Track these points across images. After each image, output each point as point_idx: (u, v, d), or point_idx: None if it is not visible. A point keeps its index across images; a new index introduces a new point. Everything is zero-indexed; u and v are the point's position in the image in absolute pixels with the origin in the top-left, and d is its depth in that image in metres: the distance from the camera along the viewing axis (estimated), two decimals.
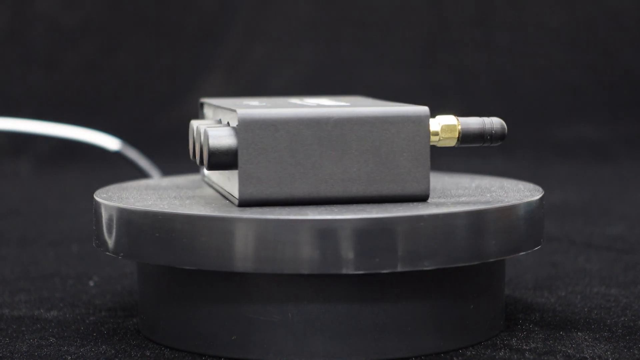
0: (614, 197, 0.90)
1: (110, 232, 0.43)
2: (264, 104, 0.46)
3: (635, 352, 0.43)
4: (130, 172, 0.69)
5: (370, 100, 0.49)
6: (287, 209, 0.41)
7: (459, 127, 0.43)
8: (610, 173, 1.05)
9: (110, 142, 0.69)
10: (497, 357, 0.42)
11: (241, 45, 1.25)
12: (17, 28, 1.25)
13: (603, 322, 0.47)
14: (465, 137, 0.43)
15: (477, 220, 0.41)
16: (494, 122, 0.44)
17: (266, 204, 0.42)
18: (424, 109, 0.42)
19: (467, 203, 0.42)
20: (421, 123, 0.42)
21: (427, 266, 0.40)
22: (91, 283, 0.57)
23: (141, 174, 0.69)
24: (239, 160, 0.42)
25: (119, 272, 0.60)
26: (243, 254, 0.40)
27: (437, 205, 0.42)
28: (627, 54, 1.23)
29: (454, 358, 0.42)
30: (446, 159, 1.05)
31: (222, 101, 0.48)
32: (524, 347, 0.43)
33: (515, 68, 1.22)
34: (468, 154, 1.04)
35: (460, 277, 0.42)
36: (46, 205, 0.90)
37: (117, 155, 0.70)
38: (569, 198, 0.88)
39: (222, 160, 0.42)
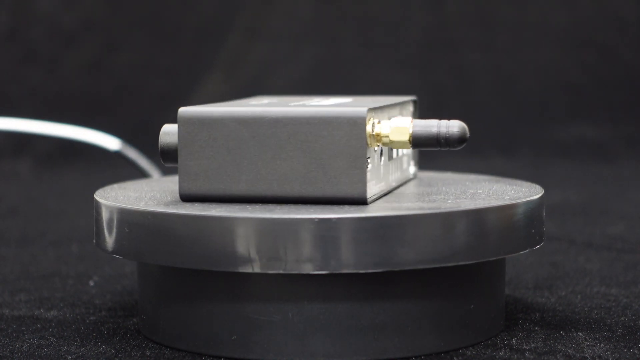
0: (614, 197, 0.90)
1: (110, 232, 0.43)
2: (263, 102, 0.46)
3: (635, 352, 0.42)
4: (130, 172, 0.69)
5: (367, 100, 0.49)
6: (287, 209, 0.41)
7: (410, 130, 0.42)
8: (610, 173, 1.05)
9: (110, 142, 0.69)
10: (497, 357, 0.42)
11: (241, 45, 1.25)
12: (17, 28, 1.25)
13: (603, 322, 0.47)
14: (417, 140, 0.42)
15: (478, 219, 0.41)
16: (451, 126, 0.42)
17: (206, 200, 0.43)
18: (360, 111, 0.41)
19: (468, 202, 0.42)
20: (357, 125, 0.41)
21: (427, 265, 0.40)
22: (91, 283, 0.57)
23: (141, 174, 0.68)
24: (178, 156, 0.43)
25: (119, 272, 0.60)
26: (243, 253, 0.40)
27: (437, 204, 0.42)
28: (627, 54, 1.23)
29: (454, 358, 0.42)
30: (446, 158, 1.05)
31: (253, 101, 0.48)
32: (524, 346, 0.43)
33: (515, 68, 1.22)
34: (467, 154, 1.04)
35: (460, 277, 0.42)
36: (46, 205, 0.90)
37: (117, 155, 0.70)
38: (569, 198, 0.88)
39: (174, 155, 0.43)
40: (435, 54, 1.23)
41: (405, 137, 0.42)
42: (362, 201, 0.41)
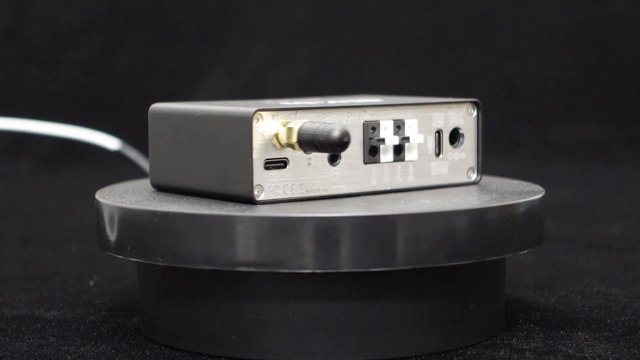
0: (614, 196, 0.90)
1: (111, 231, 0.43)
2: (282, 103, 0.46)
3: (635, 351, 0.42)
4: (130, 172, 0.69)
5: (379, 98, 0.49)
6: (288, 207, 0.41)
7: (296, 132, 0.42)
8: (610, 173, 1.05)
9: (110, 142, 0.69)
10: (497, 356, 0.42)
11: (241, 45, 1.25)
12: (17, 28, 1.25)
13: (603, 322, 0.47)
14: (301, 142, 0.42)
15: (478, 219, 0.41)
16: (326, 130, 0.41)
17: (167, 190, 0.46)
18: (247, 111, 0.42)
19: (468, 202, 0.42)
20: (244, 124, 0.42)
21: (427, 265, 0.40)
22: (91, 283, 0.57)
23: (141, 174, 0.68)
24: (149, 147, 0.46)
25: (119, 272, 0.60)
26: (243, 252, 0.40)
27: (438, 203, 0.42)
28: (627, 54, 1.23)
29: (454, 358, 0.42)
30: None
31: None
32: (524, 346, 0.43)
33: (515, 68, 1.22)
34: None
35: (460, 277, 0.42)
36: (46, 205, 0.90)
37: (117, 155, 0.70)
38: (569, 198, 0.88)
39: None
40: (435, 54, 1.23)
41: (294, 139, 0.42)
42: (250, 200, 0.42)
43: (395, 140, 0.45)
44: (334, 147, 0.41)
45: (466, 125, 0.48)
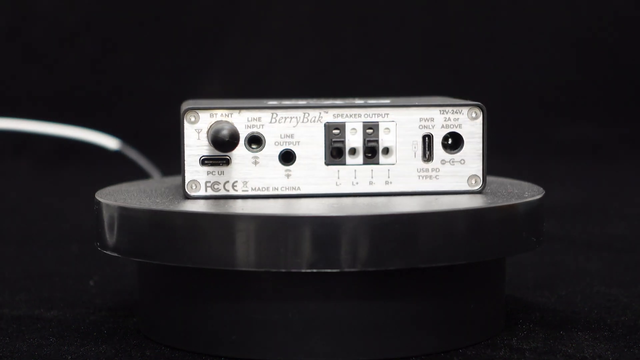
0: (614, 197, 0.90)
1: (111, 231, 0.43)
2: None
3: (636, 351, 0.43)
4: (130, 172, 0.69)
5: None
6: (288, 206, 0.41)
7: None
8: (610, 173, 1.05)
9: (110, 142, 0.69)
10: (497, 356, 0.42)
11: (241, 45, 1.25)
12: (17, 27, 1.25)
13: (603, 322, 0.47)
14: (208, 140, 0.43)
15: (479, 219, 0.41)
16: (215, 129, 0.42)
17: None
18: (182, 109, 0.43)
19: (468, 202, 0.42)
20: (180, 121, 0.43)
21: (427, 265, 0.40)
22: (91, 283, 0.57)
23: (141, 174, 0.69)
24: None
25: (119, 271, 0.60)
26: (243, 252, 0.40)
27: (437, 203, 0.42)
28: (627, 54, 1.23)
29: (454, 358, 0.42)
30: None
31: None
32: (524, 346, 0.43)
33: (516, 68, 1.22)
34: None
35: (460, 277, 0.42)
36: (46, 205, 0.90)
37: (117, 154, 0.70)
38: (569, 198, 0.88)
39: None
40: (435, 54, 1.23)
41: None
42: (184, 195, 0.43)
43: (361, 143, 0.43)
44: (219, 146, 0.42)
45: (467, 130, 0.44)
